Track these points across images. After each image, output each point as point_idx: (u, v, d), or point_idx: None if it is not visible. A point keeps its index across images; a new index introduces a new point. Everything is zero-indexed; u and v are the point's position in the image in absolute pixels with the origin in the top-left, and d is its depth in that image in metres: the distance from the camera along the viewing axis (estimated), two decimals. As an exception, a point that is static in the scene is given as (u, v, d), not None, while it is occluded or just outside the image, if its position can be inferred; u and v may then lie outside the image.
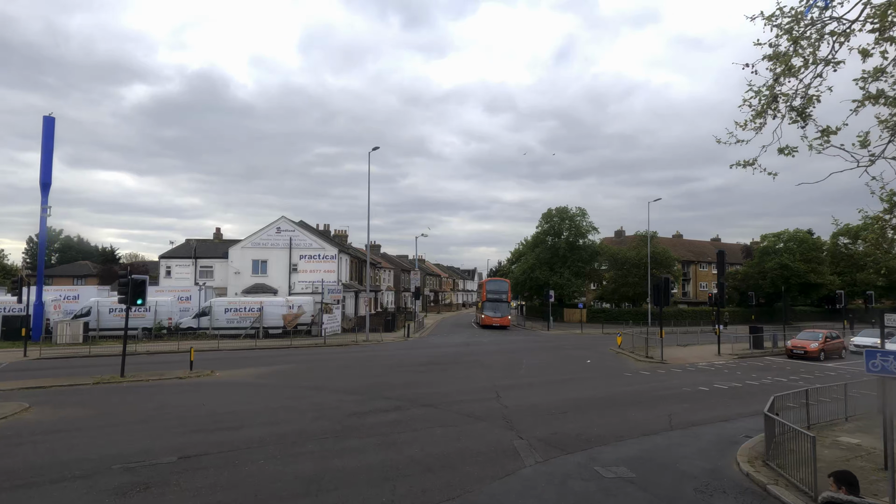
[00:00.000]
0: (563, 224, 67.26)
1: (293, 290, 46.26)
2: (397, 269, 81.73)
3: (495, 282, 58.39)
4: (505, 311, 54.20)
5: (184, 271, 47.25)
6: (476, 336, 45.44)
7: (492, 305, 53.93)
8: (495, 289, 55.88)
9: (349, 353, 32.00)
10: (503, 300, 54.63)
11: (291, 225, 47.14)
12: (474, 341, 40.26)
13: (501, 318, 53.43)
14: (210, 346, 33.91)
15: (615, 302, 67.63)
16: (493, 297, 54.48)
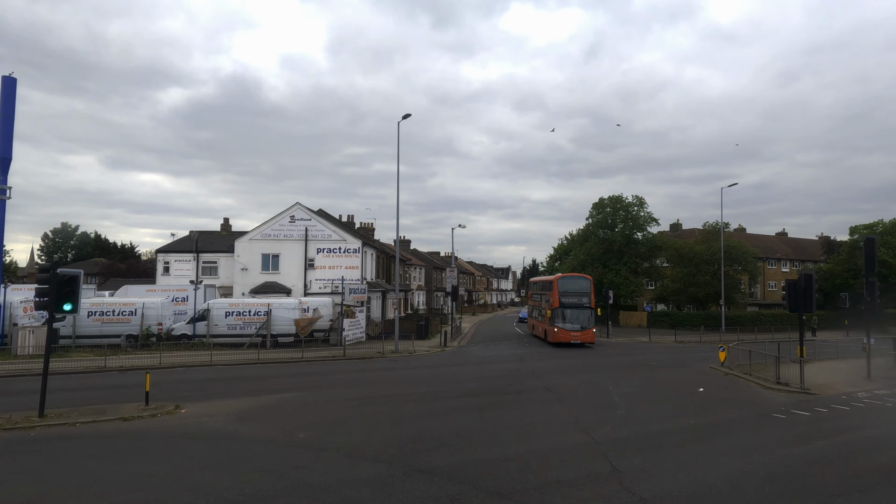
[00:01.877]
0: (616, 215, 59.23)
1: (309, 289, 39.43)
2: (428, 267, 74.66)
3: (572, 279, 38.79)
4: (587, 320, 36.57)
5: (184, 268, 40.92)
6: (526, 345, 37.88)
7: (569, 314, 36.43)
8: (573, 289, 37.09)
9: (373, 371, 24.86)
10: (585, 305, 36.75)
11: (307, 213, 40.33)
12: (527, 353, 32.73)
13: (583, 331, 36.18)
14: (201, 360, 27.17)
15: (678, 303, 59.18)
16: (570, 301, 36.54)
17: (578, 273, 45.23)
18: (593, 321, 37.04)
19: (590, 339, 36.37)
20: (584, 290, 37.08)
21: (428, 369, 25.76)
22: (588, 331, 36.29)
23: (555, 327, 36.12)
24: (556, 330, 35.97)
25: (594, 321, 37.26)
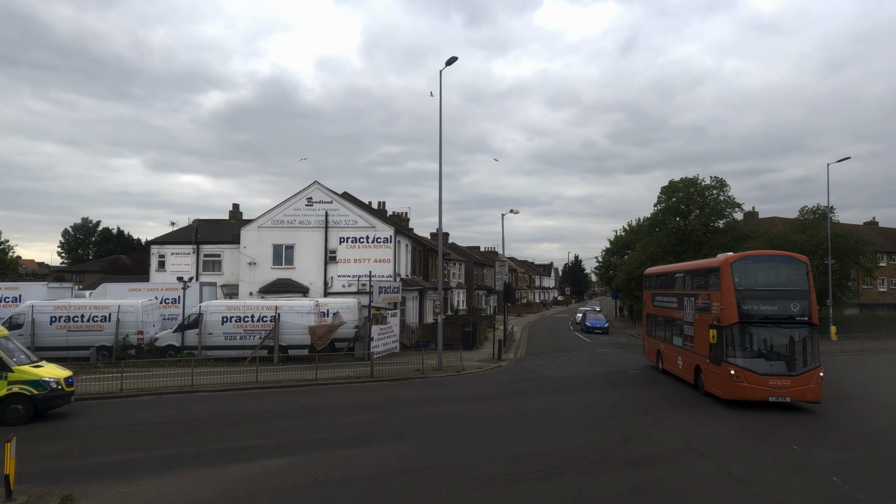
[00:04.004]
0: (691, 199, 50.32)
1: (330, 287, 32.14)
2: (469, 262, 66.92)
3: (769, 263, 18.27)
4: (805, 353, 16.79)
5: (182, 262, 34.13)
6: (604, 358, 29.79)
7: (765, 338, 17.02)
8: (772, 282, 17.53)
9: (410, 405, 17.25)
10: (799, 320, 16.68)
11: (328, 194, 32.99)
12: (612, 372, 24.68)
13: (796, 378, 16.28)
14: (178, 384, 20.05)
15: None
16: (766, 310, 16.72)
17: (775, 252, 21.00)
18: (816, 355, 16.65)
19: (812, 396, 16.28)
20: (797, 285, 17.06)
21: (488, 402, 18.00)
22: (807, 376, 16.28)
23: (730, 368, 16.52)
24: (735, 374, 16.40)
25: (816, 355, 16.64)
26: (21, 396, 14.24)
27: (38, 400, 14.39)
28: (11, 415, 14.10)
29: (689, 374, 20.14)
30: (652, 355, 25.20)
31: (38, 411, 14.55)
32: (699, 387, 18.99)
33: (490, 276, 76.74)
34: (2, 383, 14.16)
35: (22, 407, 14.24)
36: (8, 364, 14.36)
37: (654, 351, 24.83)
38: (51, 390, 14.61)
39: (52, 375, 14.89)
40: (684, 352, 20.62)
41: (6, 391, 14.12)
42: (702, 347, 18.61)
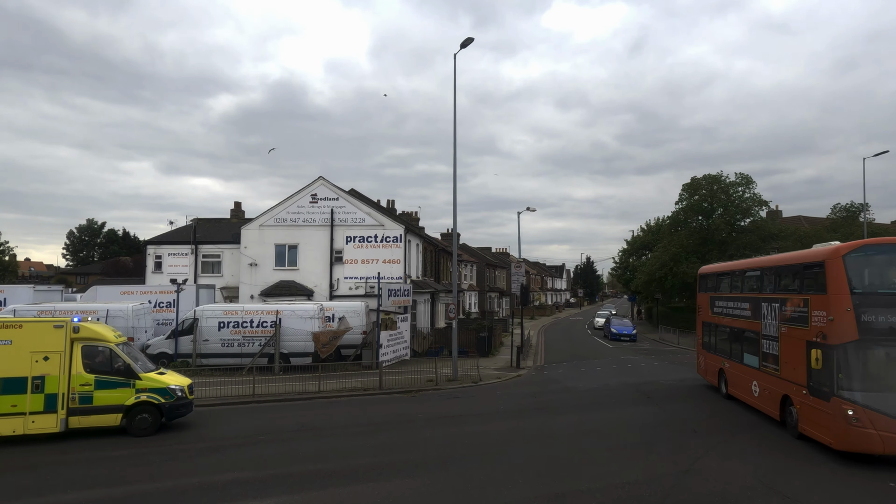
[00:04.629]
0: (715, 197, 47.93)
1: (335, 290, 30.12)
2: (480, 264, 64.74)
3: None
4: None
5: (180, 263, 32.23)
6: (631, 366, 27.57)
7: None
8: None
9: (423, 424, 15.13)
10: None
11: (333, 190, 30.97)
12: (644, 383, 22.45)
13: None
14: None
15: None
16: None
17: None
18: None
19: None
20: None
21: (513, 420, 15.87)
22: None
23: (845, 406, 11.37)
24: (853, 416, 11.24)
25: None
26: (149, 405, 13.63)
27: (165, 409, 13.78)
28: (140, 425, 13.47)
29: (771, 405, 14.91)
30: (711, 374, 19.97)
31: (164, 421, 13.92)
32: (787, 425, 13.96)
33: (502, 278, 74.55)
34: (129, 391, 13.54)
35: (150, 416, 13.60)
36: (136, 371, 13.74)
37: (713, 369, 19.61)
38: (177, 398, 13.99)
39: (178, 383, 14.31)
40: (763, 376, 15.26)
41: (134, 400, 13.53)
42: (793, 372, 13.57)
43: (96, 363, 13.56)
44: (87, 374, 13.32)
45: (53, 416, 12.91)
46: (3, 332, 12.88)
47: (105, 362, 13.60)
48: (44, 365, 12.93)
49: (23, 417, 12.70)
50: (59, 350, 13.12)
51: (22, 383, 12.72)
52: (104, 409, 13.36)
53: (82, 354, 13.40)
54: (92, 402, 13.26)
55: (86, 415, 13.25)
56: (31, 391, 12.77)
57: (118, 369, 13.60)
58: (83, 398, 13.21)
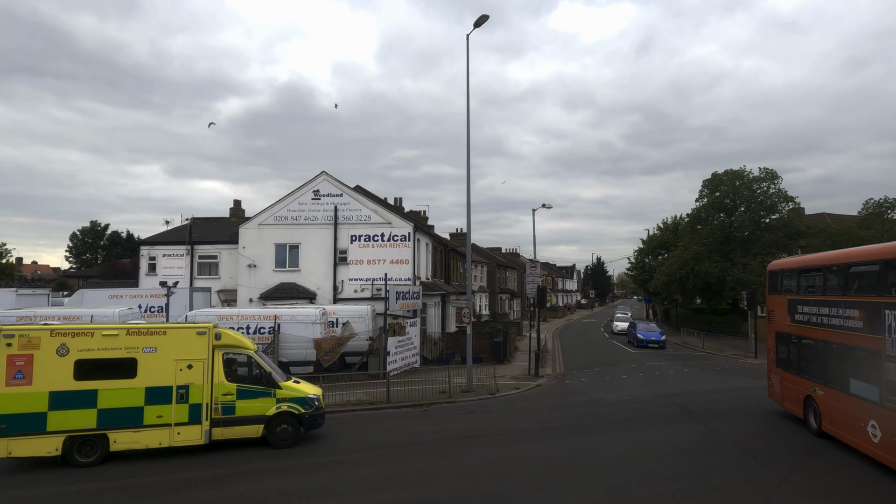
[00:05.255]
0: (737, 193, 45.69)
1: (340, 292, 28.17)
2: (491, 265, 62.76)
3: None
4: None
5: (175, 264, 30.38)
6: (659, 374, 25.46)
7: None
8: None
9: (437, 448, 13.13)
10: None
11: (338, 186, 29.02)
12: (678, 394, 20.35)
13: None
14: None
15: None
16: None
17: None
18: None
19: None
20: None
21: (540, 441, 13.85)
22: None
23: None
24: None
25: None
26: (289, 415, 13.03)
27: (304, 419, 13.20)
28: (281, 436, 12.89)
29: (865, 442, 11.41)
30: (792, 401, 15.22)
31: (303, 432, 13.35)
32: None
33: (513, 279, 72.50)
34: (270, 401, 12.96)
35: (290, 427, 13.01)
36: (276, 379, 13.18)
37: (796, 395, 14.86)
38: (315, 408, 13.39)
39: (314, 392, 13.78)
40: (889, 414, 10.63)
41: (275, 410, 12.94)
42: None
43: (237, 372, 13.05)
44: (230, 382, 12.70)
45: (198, 427, 12.29)
46: (148, 339, 12.15)
47: (246, 371, 13.10)
48: (188, 373, 12.27)
49: (168, 429, 12.09)
50: (202, 358, 12.45)
51: (167, 393, 12.11)
52: (246, 420, 12.74)
53: (223, 363, 12.76)
54: (234, 412, 12.65)
55: (228, 426, 12.62)
56: (175, 401, 12.15)
57: (259, 378, 13.03)
58: (226, 408, 12.60)
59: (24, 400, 11.33)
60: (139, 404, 11.92)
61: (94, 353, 11.76)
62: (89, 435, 11.65)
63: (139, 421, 11.91)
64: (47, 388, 11.44)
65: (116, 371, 11.85)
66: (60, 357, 11.55)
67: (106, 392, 11.75)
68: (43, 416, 11.40)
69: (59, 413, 11.46)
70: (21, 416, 11.29)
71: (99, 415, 11.68)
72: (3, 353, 11.35)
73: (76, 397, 11.56)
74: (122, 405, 11.80)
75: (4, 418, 11.24)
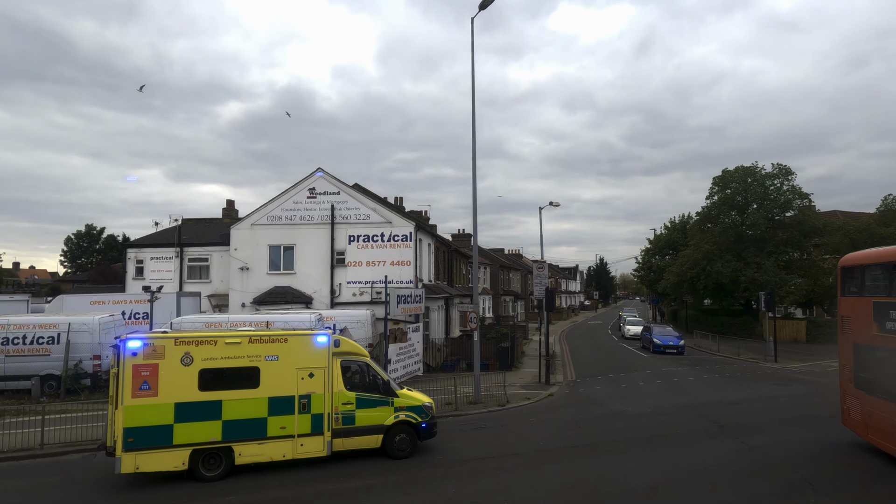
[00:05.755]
0: (749, 191, 44.15)
1: (337, 296, 26.63)
2: (494, 266, 61.20)
3: None
4: None
5: (163, 268, 28.82)
6: (678, 381, 23.88)
7: None
8: None
9: (443, 477, 11.50)
10: None
11: (334, 183, 27.48)
12: (704, 404, 18.77)
13: None
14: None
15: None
16: None
17: None
18: None
19: None
20: None
21: (561, 463, 12.27)
22: None
23: None
24: None
25: None
26: (406, 425, 12.67)
27: (420, 429, 12.83)
28: (400, 446, 12.52)
29: None
30: (881, 433, 11.77)
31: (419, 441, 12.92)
32: None
33: (516, 280, 70.95)
34: (388, 410, 12.59)
35: (408, 437, 12.64)
36: (393, 388, 12.89)
37: (888, 427, 11.44)
38: (430, 417, 13.05)
39: (427, 400, 13.42)
40: None
41: (393, 419, 12.57)
42: None
43: (355, 380, 12.58)
44: (349, 391, 12.29)
45: (320, 438, 11.84)
46: (270, 347, 11.61)
47: (363, 379, 12.66)
48: (309, 382, 11.78)
49: (292, 440, 11.64)
50: (322, 366, 11.99)
51: (290, 403, 11.62)
52: (366, 430, 12.33)
53: (342, 370, 12.36)
54: (354, 422, 12.24)
55: (349, 436, 12.20)
56: (298, 411, 11.66)
57: (377, 386, 12.63)
58: (346, 418, 12.17)
59: (150, 412, 10.73)
60: (263, 415, 11.38)
61: (218, 363, 11.18)
62: (214, 448, 11.09)
63: (263, 433, 11.38)
64: (173, 399, 10.85)
65: (240, 381, 11.31)
66: (185, 366, 10.97)
67: (230, 403, 11.18)
68: (169, 428, 10.82)
69: (185, 425, 10.89)
70: (147, 429, 10.70)
71: (224, 426, 11.12)
72: (129, 363, 10.72)
73: (201, 408, 10.99)
74: (246, 416, 11.24)
75: (131, 431, 10.60)
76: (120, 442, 10.53)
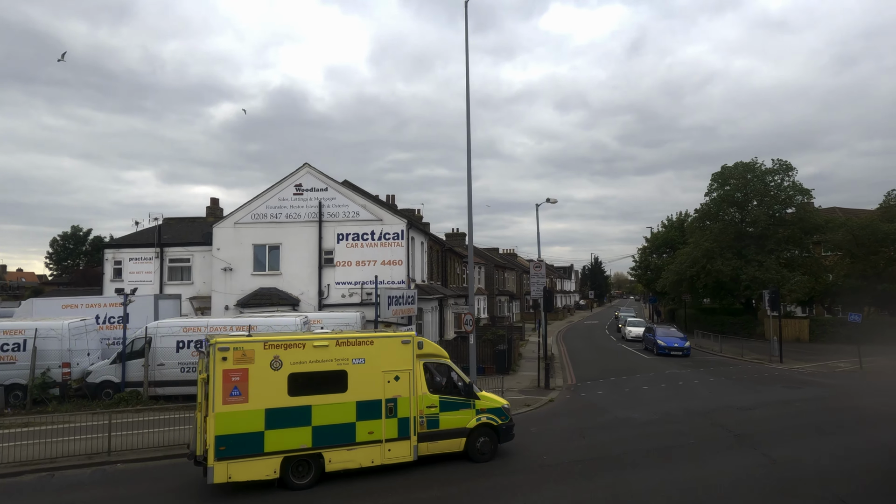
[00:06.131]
0: (749, 187, 43.20)
1: (326, 298, 25.39)
2: (489, 265, 60.02)
3: None
4: None
5: (143, 269, 27.46)
6: (683, 384, 22.78)
7: None
8: None
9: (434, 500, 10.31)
10: None
11: (322, 180, 26.22)
12: (715, 410, 17.66)
13: None
14: (88, 448, 13.35)
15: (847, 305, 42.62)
16: None
17: None
18: None
19: None
20: None
21: (570, 483, 11.09)
22: None
23: None
24: None
25: None
26: (487, 427, 12.48)
27: (501, 431, 12.67)
28: (483, 449, 12.35)
29: None
30: None
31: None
32: None
33: (511, 280, 69.85)
34: (471, 412, 12.41)
35: (489, 440, 12.46)
36: (475, 390, 12.79)
37: None
38: (509, 420, 12.92)
39: (505, 402, 13.29)
40: None
41: (476, 422, 12.38)
42: None
43: (437, 382, 12.36)
44: (432, 394, 12.04)
45: (407, 443, 11.52)
46: (357, 350, 11.31)
47: (445, 381, 12.47)
48: (395, 385, 11.50)
49: (379, 445, 11.30)
50: (407, 368, 11.71)
51: (377, 407, 11.34)
52: (450, 434, 12.10)
53: (424, 372, 12.10)
54: (438, 425, 11.99)
55: (433, 440, 11.91)
56: (385, 415, 11.37)
57: (458, 388, 12.44)
58: (430, 422, 11.91)
59: (241, 419, 10.28)
60: (351, 420, 11.06)
61: (307, 366, 10.83)
62: (305, 455, 10.72)
63: (352, 438, 11.06)
64: (263, 405, 10.43)
65: (328, 385, 10.97)
66: (274, 371, 10.58)
67: (319, 408, 10.84)
68: (260, 435, 10.39)
69: (276, 432, 10.48)
70: (239, 437, 10.23)
71: (314, 433, 10.77)
72: (219, 369, 10.18)
73: (291, 414, 10.60)
74: (335, 422, 10.91)
75: (223, 439, 10.09)
76: (212, 451, 9.96)
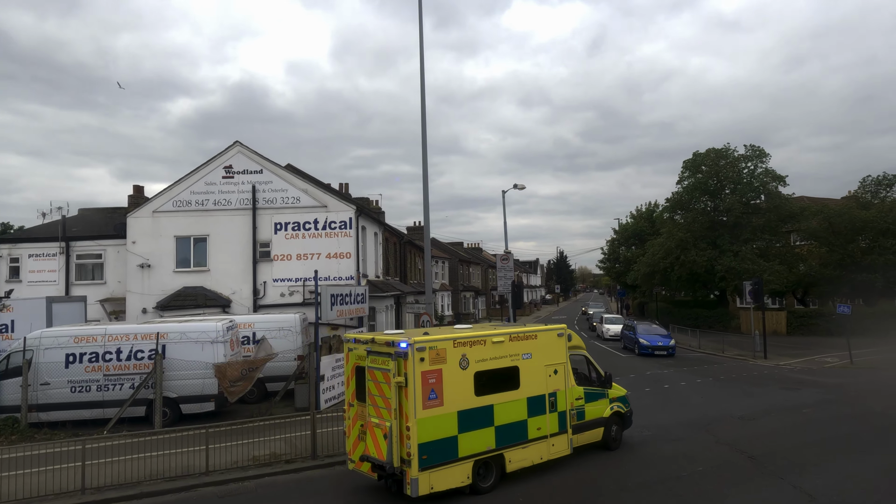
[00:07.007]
0: (722, 174, 41.40)
1: (262, 297, 21.93)
2: (453, 260, 57.20)
3: None
4: None
5: (45, 267, 23.43)
6: (669, 387, 20.31)
7: None
8: None
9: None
10: None
11: (256, 161, 22.68)
12: (716, 421, 15.12)
13: None
14: None
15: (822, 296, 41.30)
16: None
17: None
18: None
19: None
20: None
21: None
22: None
23: None
24: None
25: None
26: (617, 415, 12.62)
27: (626, 418, 12.90)
28: (616, 436, 12.53)
29: None
30: None
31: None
32: None
33: (477, 275, 67.23)
34: (605, 402, 12.51)
35: (618, 427, 12.65)
36: (610, 379, 12.90)
37: None
38: (630, 407, 13.07)
39: (625, 391, 13.43)
40: None
41: (609, 411, 12.48)
42: None
43: (580, 374, 12.52)
44: (578, 386, 12.10)
45: (565, 436, 11.40)
46: (525, 345, 11.00)
47: (585, 372, 12.70)
48: (554, 379, 11.38)
49: (545, 441, 11.02)
50: (563, 362, 11.67)
51: (542, 402, 11.09)
52: (592, 424, 12.17)
53: (571, 365, 12.06)
54: (584, 416, 12.04)
55: (580, 431, 11.89)
56: (548, 410, 11.15)
57: (596, 379, 12.71)
58: (578, 413, 11.91)
59: (439, 423, 9.58)
60: (523, 417, 10.77)
61: (488, 364, 10.40)
62: (489, 457, 10.19)
63: (525, 436, 10.75)
64: (455, 407, 9.84)
65: (505, 382, 10.62)
66: (462, 370, 10.05)
67: (499, 406, 10.44)
68: (454, 440, 9.78)
69: (467, 435, 9.91)
70: (438, 443, 9.53)
71: (497, 433, 10.33)
72: (417, 371, 9.39)
73: (478, 415, 10.11)
74: (511, 420, 10.56)
75: (425, 447, 9.31)
76: (416, 460, 9.12)
